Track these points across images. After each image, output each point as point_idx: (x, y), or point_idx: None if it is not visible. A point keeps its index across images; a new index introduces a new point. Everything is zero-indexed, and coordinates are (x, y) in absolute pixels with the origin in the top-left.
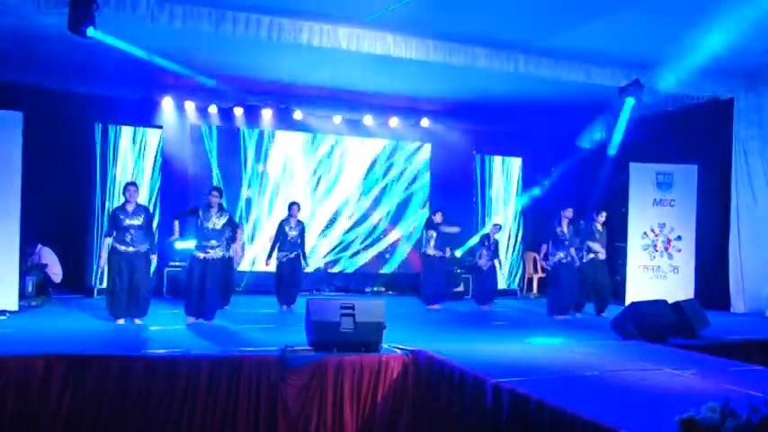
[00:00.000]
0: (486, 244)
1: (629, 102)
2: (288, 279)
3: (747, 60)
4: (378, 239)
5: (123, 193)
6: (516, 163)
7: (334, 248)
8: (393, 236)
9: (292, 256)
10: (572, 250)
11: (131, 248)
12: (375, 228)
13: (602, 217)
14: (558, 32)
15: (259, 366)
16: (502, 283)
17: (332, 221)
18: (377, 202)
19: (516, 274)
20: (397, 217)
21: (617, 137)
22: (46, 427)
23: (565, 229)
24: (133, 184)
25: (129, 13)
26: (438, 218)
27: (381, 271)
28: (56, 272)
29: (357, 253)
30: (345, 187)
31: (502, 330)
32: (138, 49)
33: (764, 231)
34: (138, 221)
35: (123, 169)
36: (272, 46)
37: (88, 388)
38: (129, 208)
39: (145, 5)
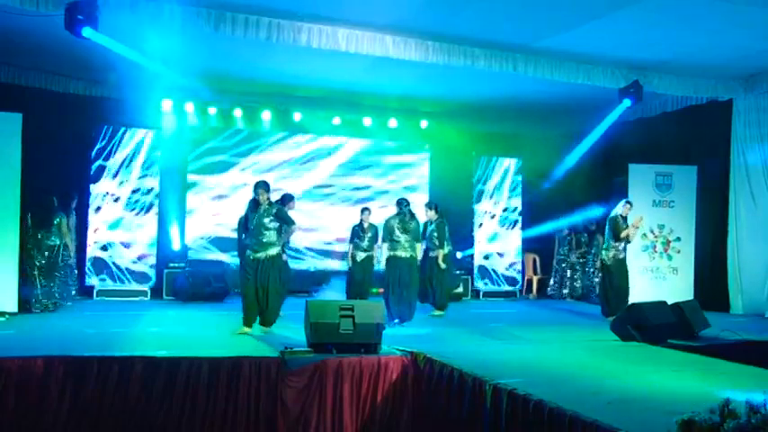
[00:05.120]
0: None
1: (624, 104)
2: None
3: (747, 61)
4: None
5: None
6: (516, 164)
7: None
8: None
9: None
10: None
11: None
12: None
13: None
14: (557, 33)
15: (258, 368)
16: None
17: (330, 222)
18: (375, 204)
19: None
20: None
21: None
22: (46, 428)
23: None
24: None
25: (129, 15)
26: None
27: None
28: None
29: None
30: (345, 188)
31: (501, 331)
32: (129, 48)
33: (763, 232)
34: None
35: (123, 170)
36: (271, 47)
37: (88, 388)
38: None
39: (144, 6)
